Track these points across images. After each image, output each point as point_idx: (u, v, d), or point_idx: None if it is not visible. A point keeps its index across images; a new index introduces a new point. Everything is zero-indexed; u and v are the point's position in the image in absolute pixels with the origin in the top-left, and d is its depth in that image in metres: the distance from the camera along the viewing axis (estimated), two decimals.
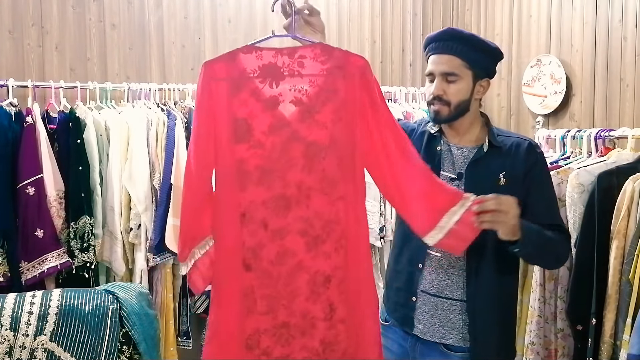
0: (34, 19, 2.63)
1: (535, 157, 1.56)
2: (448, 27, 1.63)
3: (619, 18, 2.42)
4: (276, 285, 1.36)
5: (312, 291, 1.37)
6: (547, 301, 2.16)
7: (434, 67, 1.56)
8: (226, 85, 1.36)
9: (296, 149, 1.35)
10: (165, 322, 2.55)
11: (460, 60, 1.54)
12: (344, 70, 1.36)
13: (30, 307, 1.86)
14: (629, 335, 1.73)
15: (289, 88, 1.36)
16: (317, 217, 1.36)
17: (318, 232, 1.36)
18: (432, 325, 1.56)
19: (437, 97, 1.55)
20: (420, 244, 1.55)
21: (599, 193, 1.95)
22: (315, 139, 1.35)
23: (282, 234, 1.36)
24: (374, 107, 1.38)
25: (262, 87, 1.36)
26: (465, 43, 1.54)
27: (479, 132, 1.62)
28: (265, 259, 1.36)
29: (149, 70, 2.87)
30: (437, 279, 1.56)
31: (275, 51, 1.37)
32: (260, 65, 1.36)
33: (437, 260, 1.56)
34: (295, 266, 1.37)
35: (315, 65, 1.37)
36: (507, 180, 1.53)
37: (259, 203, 1.35)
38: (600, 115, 2.54)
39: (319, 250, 1.36)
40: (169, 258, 2.55)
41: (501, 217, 1.38)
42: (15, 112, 2.29)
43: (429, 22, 3.50)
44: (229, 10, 3.02)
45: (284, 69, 1.36)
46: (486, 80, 1.60)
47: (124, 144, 2.46)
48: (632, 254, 1.79)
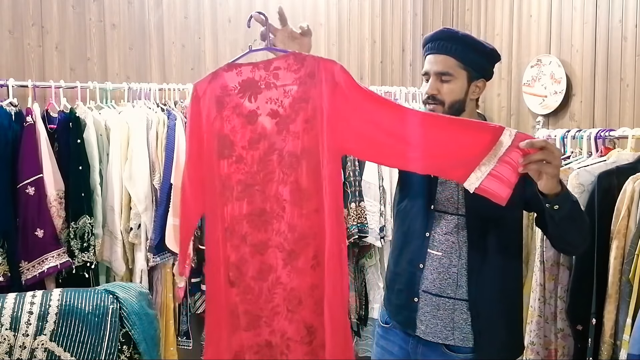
0: (34, 18, 2.63)
1: None
2: (444, 27, 1.64)
3: (619, 18, 2.42)
4: (257, 302, 1.35)
5: (287, 309, 1.35)
6: (547, 301, 2.15)
7: (429, 67, 1.58)
8: (210, 103, 1.37)
9: (273, 161, 1.35)
10: (165, 322, 2.55)
11: (455, 60, 1.54)
12: (314, 78, 1.33)
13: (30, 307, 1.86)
14: (629, 335, 1.73)
15: (265, 101, 1.36)
16: (290, 230, 1.33)
17: (292, 246, 1.33)
18: (434, 325, 1.55)
19: (431, 97, 1.55)
20: (420, 244, 1.55)
21: (599, 193, 1.95)
22: (289, 149, 1.34)
23: (262, 249, 1.35)
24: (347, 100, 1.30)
25: (242, 102, 1.37)
26: (459, 43, 1.55)
27: None
28: (247, 274, 1.35)
29: (149, 70, 2.88)
30: (439, 279, 1.55)
31: (253, 66, 1.38)
32: (240, 82, 1.37)
33: (438, 259, 1.55)
34: (274, 282, 1.35)
35: (288, 76, 1.36)
36: None
37: (240, 218, 1.35)
38: (600, 115, 2.54)
39: (293, 265, 1.34)
40: (169, 258, 2.54)
41: (547, 167, 1.25)
42: (15, 112, 2.29)
43: (429, 22, 3.50)
44: (229, 10, 3.02)
45: (261, 83, 1.36)
46: (482, 81, 1.59)
47: (124, 143, 2.46)
48: (632, 254, 1.79)
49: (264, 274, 1.35)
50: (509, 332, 1.58)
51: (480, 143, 1.27)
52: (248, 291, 1.35)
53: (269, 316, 1.35)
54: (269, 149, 1.35)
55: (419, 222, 1.58)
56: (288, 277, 1.34)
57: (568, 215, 1.37)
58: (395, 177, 2.88)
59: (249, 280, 1.35)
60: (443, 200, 1.56)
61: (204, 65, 2.98)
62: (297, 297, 1.34)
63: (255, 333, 1.36)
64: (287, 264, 1.34)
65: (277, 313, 1.35)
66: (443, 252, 1.54)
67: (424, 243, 1.54)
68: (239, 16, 3.04)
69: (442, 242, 1.55)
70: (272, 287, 1.35)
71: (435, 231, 1.55)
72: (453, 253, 1.53)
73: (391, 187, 2.90)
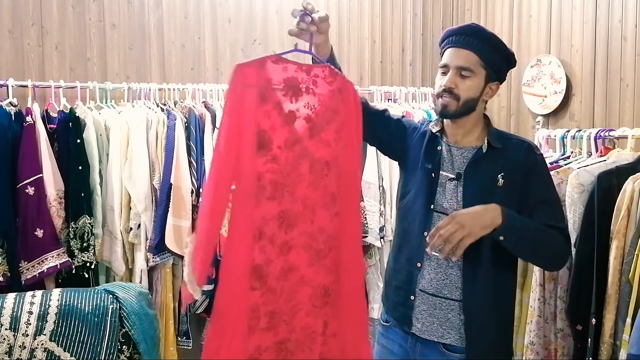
0: (34, 18, 2.63)
1: (534, 159, 1.55)
2: (472, 23, 1.61)
3: (619, 18, 2.42)
4: (279, 301, 1.37)
5: (313, 305, 1.40)
6: (547, 301, 2.15)
7: (449, 60, 1.56)
8: (255, 93, 1.36)
9: (304, 165, 1.38)
10: (165, 322, 2.55)
11: (477, 57, 1.53)
12: (342, 94, 1.42)
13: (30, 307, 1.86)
14: (629, 335, 1.73)
15: (303, 105, 1.39)
16: (320, 232, 1.40)
17: (321, 246, 1.40)
18: (430, 324, 1.56)
19: (447, 90, 1.54)
20: (419, 243, 1.56)
21: (599, 193, 1.95)
22: (320, 156, 1.40)
23: (286, 249, 1.38)
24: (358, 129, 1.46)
25: (284, 101, 1.38)
26: (485, 41, 1.54)
27: (480, 133, 1.61)
28: (271, 275, 1.37)
29: (149, 70, 2.88)
30: (436, 279, 1.56)
31: (297, 66, 1.39)
32: (284, 78, 1.38)
33: (436, 259, 1.55)
34: (298, 281, 1.38)
35: (324, 86, 1.42)
36: (505, 181, 1.52)
37: (269, 218, 1.36)
38: (600, 115, 2.54)
39: (320, 264, 1.40)
40: (169, 258, 2.54)
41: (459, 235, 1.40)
42: (15, 112, 2.29)
43: (429, 22, 3.50)
44: (229, 10, 3.02)
45: (302, 85, 1.39)
46: (496, 84, 1.59)
47: (124, 143, 2.46)
48: (632, 254, 1.79)
49: (287, 273, 1.38)
50: (500, 337, 1.58)
51: None
52: (271, 291, 1.37)
53: (289, 314, 1.38)
54: (302, 152, 1.38)
55: (418, 221, 1.59)
56: (315, 275, 1.39)
57: (518, 243, 1.46)
58: (395, 178, 2.89)
59: (273, 280, 1.37)
60: (443, 201, 1.56)
61: (204, 65, 2.98)
62: (322, 293, 1.40)
63: (274, 332, 1.37)
64: (313, 263, 1.39)
65: (298, 310, 1.38)
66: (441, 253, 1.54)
67: (423, 242, 1.54)
68: (239, 16, 3.04)
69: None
70: (295, 285, 1.38)
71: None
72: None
73: (391, 187, 2.90)
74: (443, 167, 1.59)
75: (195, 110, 2.62)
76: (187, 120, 2.58)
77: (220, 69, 3.00)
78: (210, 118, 2.62)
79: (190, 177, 2.52)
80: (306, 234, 1.39)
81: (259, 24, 3.07)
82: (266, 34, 3.08)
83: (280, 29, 3.08)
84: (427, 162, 1.61)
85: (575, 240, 2.04)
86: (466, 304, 1.53)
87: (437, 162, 1.59)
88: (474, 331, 1.52)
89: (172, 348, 2.57)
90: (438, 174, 1.58)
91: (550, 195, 1.56)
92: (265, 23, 3.07)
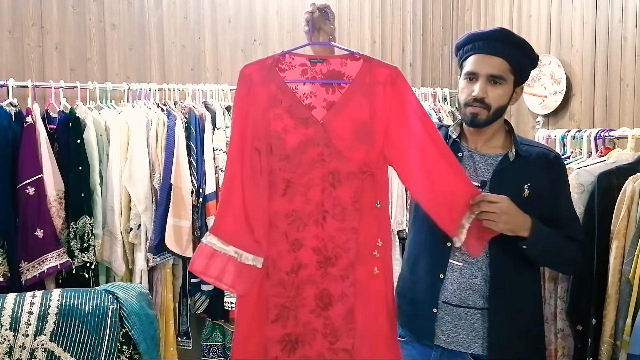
0: (34, 19, 2.63)
1: (559, 171, 1.54)
2: (500, 27, 1.53)
3: (619, 18, 2.42)
4: (289, 294, 1.41)
5: (317, 305, 1.42)
6: (547, 301, 2.15)
7: (478, 68, 1.48)
8: (266, 92, 1.38)
9: (318, 170, 1.39)
10: (165, 322, 2.55)
11: (508, 65, 1.47)
12: (371, 83, 1.39)
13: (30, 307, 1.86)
14: (629, 335, 1.73)
15: (320, 104, 1.40)
16: (329, 239, 1.41)
17: (329, 253, 1.41)
18: (456, 335, 1.50)
19: (479, 100, 1.47)
20: (441, 253, 1.51)
21: (599, 193, 1.95)
22: (334, 166, 1.40)
23: (298, 247, 1.40)
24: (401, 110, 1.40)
25: (297, 102, 1.39)
26: (517, 47, 1.48)
27: (503, 140, 1.57)
28: (282, 269, 1.41)
29: (149, 70, 2.88)
30: (460, 289, 1.50)
31: (311, 63, 1.39)
32: (298, 77, 1.39)
33: (459, 269, 1.50)
34: (307, 279, 1.41)
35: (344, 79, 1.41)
36: (531, 192, 1.49)
37: (282, 215, 1.40)
38: (600, 115, 2.54)
39: (327, 270, 1.41)
40: (169, 258, 2.54)
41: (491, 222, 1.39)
42: (15, 112, 2.29)
43: (429, 22, 3.50)
44: (229, 10, 3.02)
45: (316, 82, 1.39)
46: (521, 88, 1.55)
47: (124, 144, 2.45)
48: (632, 254, 1.79)
49: (297, 269, 1.41)
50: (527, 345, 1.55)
51: (466, 195, 1.42)
52: (281, 285, 1.41)
53: (297, 308, 1.41)
54: (317, 157, 1.39)
55: (439, 231, 1.49)
56: (321, 278, 1.41)
57: (539, 255, 1.47)
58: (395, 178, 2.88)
59: (283, 275, 1.41)
60: None
61: (203, 65, 2.98)
62: (328, 297, 1.42)
63: (282, 325, 1.41)
64: (321, 267, 1.41)
65: (303, 305, 1.41)
66: (464, 262, 1.51)
67: (445, 253, 1.50)
68: (239, 16, 3.03)
69: (463, 252, 1.50)
70: (303, 283, 1.41)
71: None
72: (474, 264, 1.50)
73: (390, 187, 2.89)
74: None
75: (195, 110, 2.61)
76: (187, 120, 2.58)
77: (220, 69, 3.00)
78: (210, 118, 2.62)
79: (190, 177, 2.52)
80: (317, 238, 1.40)
81: (259, 24, 3.07)
82: (266, 34, 3.08)
83: (280, 29, 3.08)
84: None
85: None
86: (492, 311, 1.48)
87: None
88: (501, 339, 1.48)
89: (172, 348, 2.57)
90: None
91: (572, 207, 1.57)
92: (265, 23, 3.07)
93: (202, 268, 1.36)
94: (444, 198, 1.41)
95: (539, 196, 1.49)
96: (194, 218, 2.53)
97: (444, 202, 1.42)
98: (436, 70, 3.52)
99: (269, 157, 1.38)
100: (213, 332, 2.80)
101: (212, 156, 2.58)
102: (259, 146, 1.37)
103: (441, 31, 3.52)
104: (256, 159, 1.37)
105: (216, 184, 2.57)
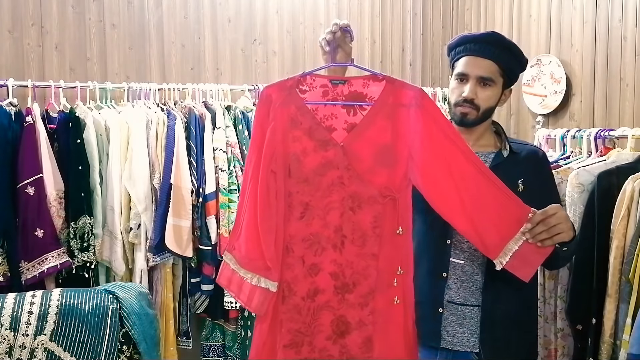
0: (34, 18, 2.63)
1: (548, 169, 1.61)
2: (491, 31, 1.59)
3: (619, 18, 2.42)
4: (304, 320, 1.37)
5: (333, 331, 1.38)
6: (547, 301, 2.15)
7: (469, 70, 1.52)
8: (286, 114, 1.35)
9: (337, 193, 1.36)
10: (165, 322, 2.55)
11: (498, 67, 1.52)
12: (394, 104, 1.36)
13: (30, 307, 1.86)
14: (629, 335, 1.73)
15: (343, 126, 1.37)
16: (347, 265, 1.37)
17: (347, 279, 1.37)
18: (461, 334, 1.51)
19: (468, 100, 1.51)
20: (441, 252, 1.51)
21: (599, 193, 1.95)
22: (354, 189, 1.36)
23: (315, 271, 1.37)
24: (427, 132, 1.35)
25: (317, 124, 1.36)
26: (506, 50, 1.52)
27: (491, 138, 1.61)
28: (298, 294, 1.37)
29: (149, 70, 2.88)
30: (463, 287, 1.52)
31: (332, 84, 1.37)
32: (318, 99, 1.36)
33: (461, 267, 1.51)
34: (323, 304, 1.38)
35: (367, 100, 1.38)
36: (525, 187, 1.50)
37: (299, 238, 1.36)
38: (600, 115, 2.54)
39: (345, 296, 1.38)
40: (169, 258, 2.54)
41: (556, 230, 1.34)
42: (15, 112, 2.29)
43: (429, 22, 3.50)
44: (229, 10, 3.02)
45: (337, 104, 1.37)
46: (510, 90, 1.59)
47: (124, 143, 2.45)
48: (632, 253, 1.79)
49: (314, 295, 1.38)
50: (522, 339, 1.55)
51: (513, 218, 1.35)
52: (296, 310, 1.37)
53: (313, 334, 1.38)
54: (336, 181, 1.36)
55: (438, 230, 1.51)
56: (339, 304, 1.38)
57: (569, 254, 1.49)
58: None
59: (299, 299, 1.37)
60: None
61: (204, 65, 2.98)
62: (345, 324, 1.38)
63: (296, 350, 1.38)
64: (338, 293, 1.38)
65: (320, 332, 1.38)
66: (466, 259, 1.51)
67: (446, 251, 1.50)
68: (239, 16, 3.04)
69: (464, 249, 1.51)
70: (320, 308, 1.38)
71: (457, 239, 1.52)
72: (475, 260, 1.51)
73: None
74: None
75: (195, 110, 2.62)
76: (187, 120, 2.58)
77: (220, 69, 3.00)
78: (210, 118, 2.62)
79: (190, 177, 2.52)
80: (335, 263, 1.37)
81: (259, 24, 3.07)
82: (266, 34, 3.08)
83: (280, 29, 3.08)
84: None
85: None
86: (485, 307, 1.49)
87: None
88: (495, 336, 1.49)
89: (172, 348, 2.57)
90: None
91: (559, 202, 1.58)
92: (265, 23, 3.07)
93: (226, 283, 1.40)
94: (489, 219, 1.36)
95: (532, 191, 1.50)
96: (194, 218, 2.53)
97: (490, 223, 1.36)
98: (436, 70, 3.52)
99: (287, 179, 1.35)
100: (213, 332, 2.80)
101: (212, 156, 2.58)
102: (276, 168, 1.34)
103: (441, 31, 3.52)
104: (272, 180, 1.34)
105: (216, 183, 2.56)
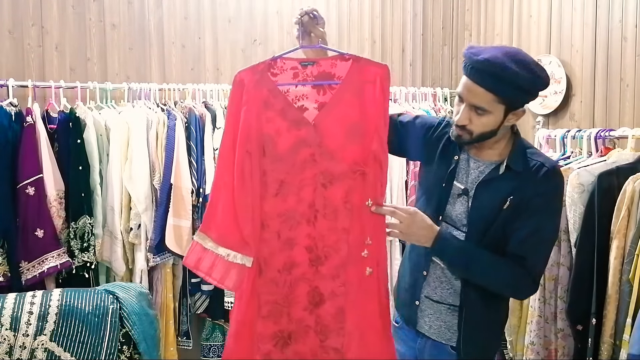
0: (34, 19, 2.63)
1: (546, 186, 1.45)
2: (491, 56, 1.38)
3: (619, 18, 2.42)
4: (281, 292, 1.44)
5: (309, 302, 1.45)
6: (547, 301, 2.16)
7: (464, 94, 1.44)
8: (259, 96, 1.41)
9: (309, 170, 1.42)
10: (165, 322, 2.55)
11: (494, 96, 1.40)
12: (361, 85, 1.42)
13: (30, 307, 1.86)
14: (629, 335, 1.74)
15: (313, 106, 1.43)
16: (320, 239, 1.44)
17: (320, 252, 1.44)
18: (438, 327, 1.55)
19: (460, 126, 1.45)
20: (425, 251, 1.54)
21: (599, 193, 1.95)
22: (326, 166, 1.42)
23: (290, 245, 1.44)
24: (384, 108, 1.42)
25: (289, 105, 1.42)
26: (504, 82, 1.38)
27: (504, 148, 1.52)
28: (274, 267, 1.44)
29: (149, 70, 2.87)
30: (441, 287, 1.54)
31: (302, 66, 1.42)
32: (289, 81, 1.42)
33: (441, 269, 1.53)
34: (299, 276, 1.44)
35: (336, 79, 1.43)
36: (512, 204, 1.44)
37: (274, 214, 1.43)
38: (600, 115, 2.54)
39: (318, 269, 1.44)
40: (169, 258, 2.54)
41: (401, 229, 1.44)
42: (15, 112, 2.29)
43: (429, 22, 3.50)
44: (229, 10, 3.02)
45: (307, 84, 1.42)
46: (521, 110, 1.48)
47: (124, 144, 2.45)
48: (632, 254, 1.79)
49: (290, 267, 1.44)
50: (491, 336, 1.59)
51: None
52: (273, 282, 1.44)
53: (290, 305, 1.44)
54: (309, 158, 1.42)
55: None
56: (313, 276, 1.44)
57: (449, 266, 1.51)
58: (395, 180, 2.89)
59: (275, 272, 1.44)
60: (452, 213, 1.52)
61: (204, 65, 2.98)
62: (319, 295, 1.45)
63: (274, 321, 1.45)
64: (312, 265, 1.44)
65: (297, 303, 1.45)
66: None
67: (428, 251, 1.51)
68: (239, 16, 3.03)
69: None
70: (296, 280, 1.44)
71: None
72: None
73: (390, 188, 2.89)
74: (458, 177, 1.53)
75: (196, 110, 2.62)
76: (187, 120, 2.58)
77: (220, 69, 3.00)
78: (211, 118, 2.62)
79: (190, 177, 2.52)
80: (309, 237, 1.43)
81: (259, 24, 3.07)
82: (266, 34, 3.08)
83: (280, 29, 3.08)
84: (440, 168, 1.56)
85: (576, 240, 2.04)
86: (462, 306, 1.52)
87: (452, 171, 1.53)
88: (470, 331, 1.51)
89: (172, 348, 2.57)
90: (451, 185, 1.53)
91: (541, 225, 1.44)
92: (265, 23, 3.07)
93: (194, 263, 1.45)
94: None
95: (518, 208, 1.44)
96: (194, 218, 2.53)
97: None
98: (436, 70, 3.52)
99: (262, 159, 1.41)
100: (213, 332, 2.80)
101: (212, 156, 2.58)
102: (251, 149, 1.40)
103: (441, 31, 3.52)
104: (247, 161, 1.40)
105: None
